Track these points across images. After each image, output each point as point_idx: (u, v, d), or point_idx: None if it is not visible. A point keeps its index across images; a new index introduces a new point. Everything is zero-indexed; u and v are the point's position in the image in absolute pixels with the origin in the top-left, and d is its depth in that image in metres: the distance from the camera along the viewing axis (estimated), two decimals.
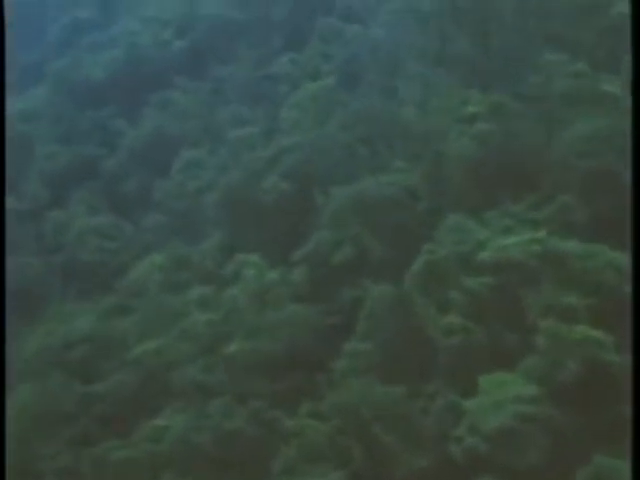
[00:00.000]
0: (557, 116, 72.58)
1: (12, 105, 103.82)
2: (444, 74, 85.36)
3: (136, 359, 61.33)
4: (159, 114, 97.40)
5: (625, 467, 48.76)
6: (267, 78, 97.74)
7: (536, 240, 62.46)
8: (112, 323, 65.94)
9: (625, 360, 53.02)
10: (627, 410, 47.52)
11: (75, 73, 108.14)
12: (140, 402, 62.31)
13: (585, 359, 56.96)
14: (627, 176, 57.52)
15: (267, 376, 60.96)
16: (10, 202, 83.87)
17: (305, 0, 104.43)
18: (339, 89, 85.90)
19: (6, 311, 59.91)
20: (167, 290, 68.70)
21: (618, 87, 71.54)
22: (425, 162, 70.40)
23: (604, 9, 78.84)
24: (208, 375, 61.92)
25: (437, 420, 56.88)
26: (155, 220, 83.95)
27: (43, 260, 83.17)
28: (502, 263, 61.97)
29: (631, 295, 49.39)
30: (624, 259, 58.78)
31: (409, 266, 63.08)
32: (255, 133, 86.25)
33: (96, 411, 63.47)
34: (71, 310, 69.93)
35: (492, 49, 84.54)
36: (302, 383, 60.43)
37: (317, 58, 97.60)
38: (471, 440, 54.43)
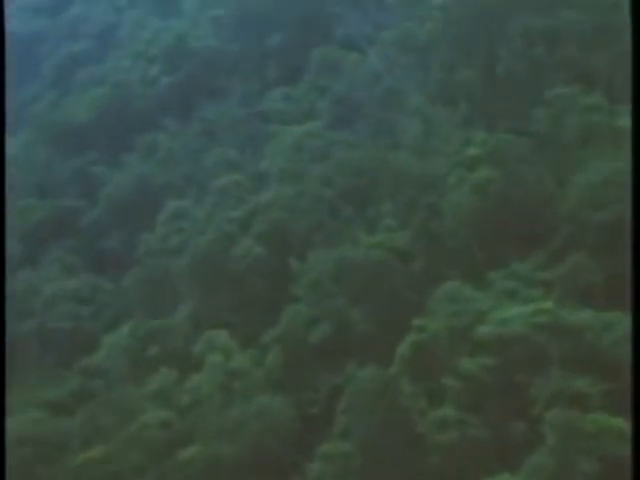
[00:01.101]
0: (568, 158, 63.94)
1: None
2: (445, 109, 77.10)
3: (78, 467, 53.16)
4: (143, 160, 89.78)
5: None
6: (257, 116, 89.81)
7: (543, 311, 53.83)
8: (60, 421, 57.92)
9: None
10: None
11: (58, 115, 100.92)
12: None
13: (601, 455, 48.29)
14: None
15: None
16: None
17: (302, 28, 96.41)
18: (329, 131, 77.92)
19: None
20: (128, 377, 60.87)
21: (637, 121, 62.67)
22: (418, 217, 62.03)
23: (620, 31, 69.86)
24: None
25: None
26: (133, 280, 76.13)
27: (9, 327, 75.62)
28: (504, 339, 53.40)
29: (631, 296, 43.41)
30: None
31: (397, 344, 54.74)
32: (240, 181, 78.38)
33: None
34: (23, 399, 61.79)
35: (498, 79, 76.02)
36: None
37: (312, 92, 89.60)
38: None
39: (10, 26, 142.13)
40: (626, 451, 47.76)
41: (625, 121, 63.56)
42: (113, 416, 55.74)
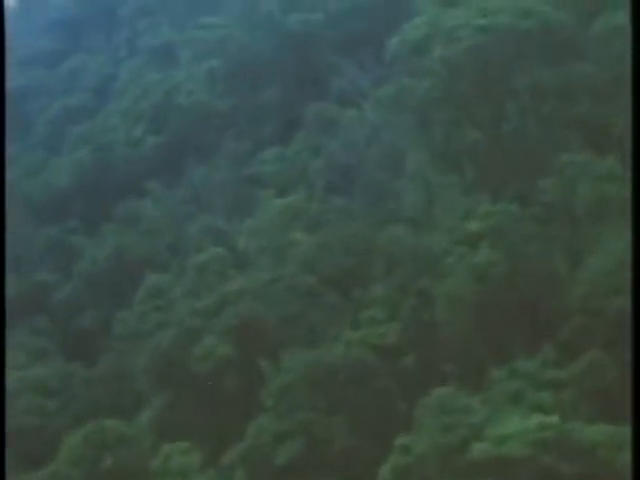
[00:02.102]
0: (580, 236, 55.99)
1: None
2: (448, 173, 69.34)
3: None
4: (124, 230, 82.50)
5: None
6: (248, 180, 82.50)
7: (550, 426, 45.75)
8: None
9: None
10: None
11: (41, 178, 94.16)
12: None
13: None
14: None
15: None
16: None
17: (297, 81, 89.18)
18: (320, 200, 70.44)
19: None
20: None
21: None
22: (409, 304, 54.26)
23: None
24: None
25: None
26: (104, 370, 68.77)
27: None
28: (504, 459, 45.34)
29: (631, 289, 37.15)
30: None
31: (381, 462, 46.82)
32: (223, 256, 70.87)
33: None
34: None
35: (505, 139, 68.22)
36: None
37: (306, 153, 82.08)
38: None
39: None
40: None
41: None
42: None
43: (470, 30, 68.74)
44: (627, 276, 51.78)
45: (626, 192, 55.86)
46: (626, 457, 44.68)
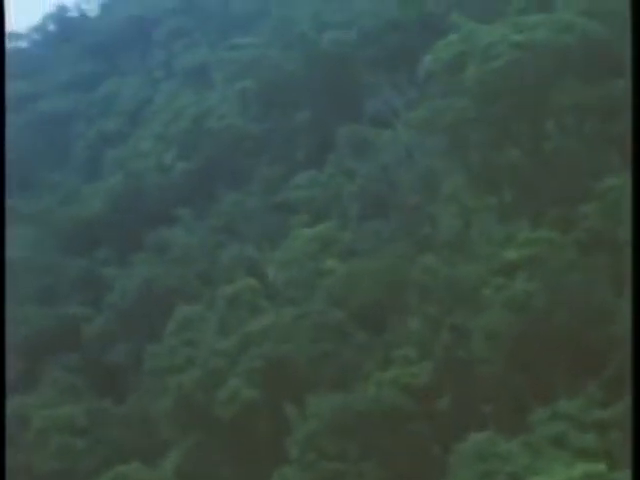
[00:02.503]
0: (625, 262, 52.63)
1: None
2: (486, 195, 66.33)
3: None
4: (154, 260, 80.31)
5: None
6: (280, 206, 79.96)
7: (595, 475, 42.55)
8: None
9: None
10: None
11: (73, 207, 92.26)
12: None
13: None
14: None
15: None
16: None
17: (331, 102, 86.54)
18: (352, 228, 67.71)
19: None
20: None
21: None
22: (444, 342, 51.30)
23: None
24: None
25: None
26: (132, 409, 66.43)
27: None
28: None
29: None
30: None
31: None
32: (254, 287, 68.30)
33: None
34: None
35: (544, 160, 65.13)
36: None
37: (339, 176, 79.40)
38: None
39: (42, 105, 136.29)
40: None
41: None
42: None
43: (506, 46, 65.74)
44: None
45: None
46: None
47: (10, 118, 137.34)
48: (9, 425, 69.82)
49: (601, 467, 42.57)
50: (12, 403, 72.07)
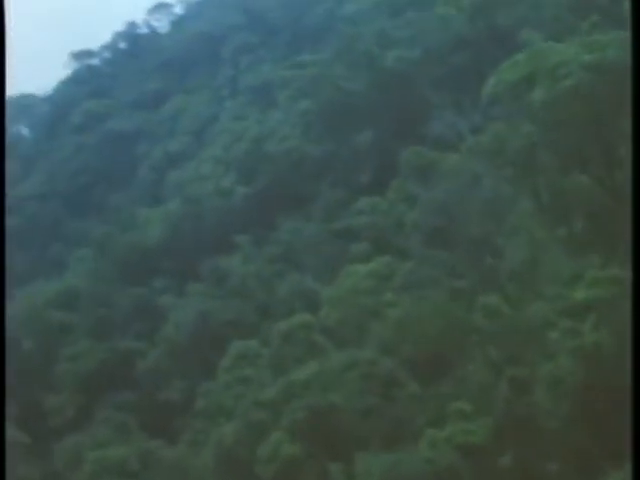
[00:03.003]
0: None
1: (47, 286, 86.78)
2: (555, 227, 62.24)
3: None
4: (211, 291, 77.57)
5: None
6: (340, 235, 76.55)
7: None
8: None
9: None
10: None
11: (132, 234, 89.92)
12: None
13: None
14: None
15: None
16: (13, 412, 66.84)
17: (393, 125, 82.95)
18: (407, 259, 64.05)
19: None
20: None
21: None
22: (503, 395, 47.37)
23: None
24: None
25: None
26: (182, 452, 63.52)
27: None
28: None
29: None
30: None
31: None
32: (310, 324, 65.04)
33: None
34: None
35: (618, 188, 60.81)
36: None
37: (401, 203, 75.83)
38: None
39: (110, 124, 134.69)
40: None
41: None
42: None
43: (576, 67, 61.48)
44: None
45: None
46: None
47: (80, 139, 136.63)
48: (64, 463, 68.28)
49: None
50: (66, 442, 70.29)
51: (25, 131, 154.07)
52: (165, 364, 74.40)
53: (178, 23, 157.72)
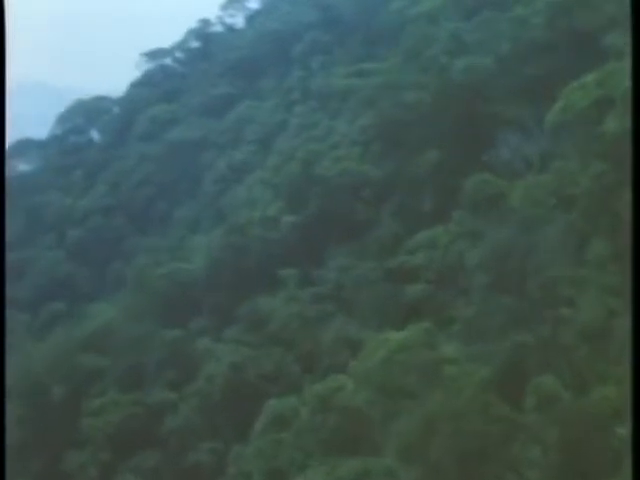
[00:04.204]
0: None
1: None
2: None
3: None
4: (248, 336, 69.27)
5: None
6: (394, 274, 67.41)
7: None
8: None
9: None
10: None
11: (177, 263, 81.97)
12: None
13: None
14: None
15: None
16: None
17: (458, 145, 73.22)
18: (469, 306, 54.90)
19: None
20: None
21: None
22: None
23: None
24: None
25: None
26: None
27: None
28: None
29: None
30: None
31: None
32: (344, 385, 56.25)
33: None
34: None
35: None
36: None
37: (462, 238, 66.24)
38: None
39: (175, 133, 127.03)
40: None
41: None
42: None
43: None
44: None
45: None
46: None
47: (145, 147, 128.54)
48: None
49: None
50: None
51: (97, 136, 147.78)
52: (195, 421, 66.32)
53: (253, 18, 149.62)
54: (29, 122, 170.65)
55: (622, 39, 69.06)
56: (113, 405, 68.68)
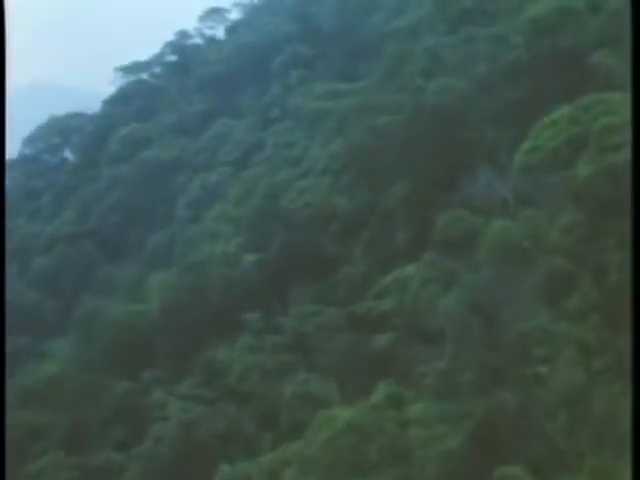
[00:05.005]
0: None
1: None
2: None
3: None
4: (203, 389, 62.94)
5: None
6: (361, 321, 61.18)
7: None
8: None
9: None
10: None
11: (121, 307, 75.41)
12: None
13: None
14: None
15: None
16: None
17: (430, 176, 66.92)
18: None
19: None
20: None
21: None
22: None
23: None
24: None
25: None
26: None
27: None
28: None
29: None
30: None
31: None
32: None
33: None
34: None
35: None
36: None
37: (434, 284, 59.69)
38: None
39: (149, 154, 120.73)
40: None
41: None
42: None
43: (628, 133, 44.92)
44: None
45: None
46: None
47: (117, 169, 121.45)
48: None
49: None
50: None
51: (70, 156, 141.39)
52: None
53: (233, 29, 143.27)
54: None
55: (609, 58, 63.33)
56: (54, 468, 62.42)
